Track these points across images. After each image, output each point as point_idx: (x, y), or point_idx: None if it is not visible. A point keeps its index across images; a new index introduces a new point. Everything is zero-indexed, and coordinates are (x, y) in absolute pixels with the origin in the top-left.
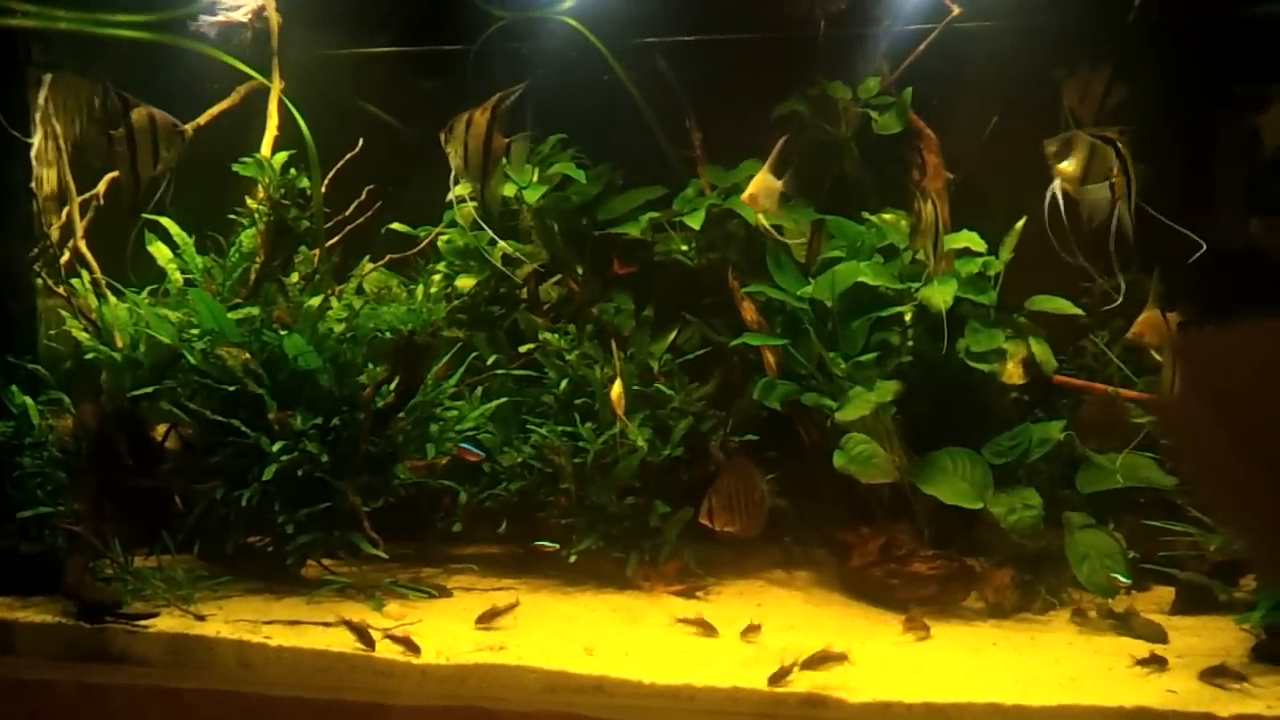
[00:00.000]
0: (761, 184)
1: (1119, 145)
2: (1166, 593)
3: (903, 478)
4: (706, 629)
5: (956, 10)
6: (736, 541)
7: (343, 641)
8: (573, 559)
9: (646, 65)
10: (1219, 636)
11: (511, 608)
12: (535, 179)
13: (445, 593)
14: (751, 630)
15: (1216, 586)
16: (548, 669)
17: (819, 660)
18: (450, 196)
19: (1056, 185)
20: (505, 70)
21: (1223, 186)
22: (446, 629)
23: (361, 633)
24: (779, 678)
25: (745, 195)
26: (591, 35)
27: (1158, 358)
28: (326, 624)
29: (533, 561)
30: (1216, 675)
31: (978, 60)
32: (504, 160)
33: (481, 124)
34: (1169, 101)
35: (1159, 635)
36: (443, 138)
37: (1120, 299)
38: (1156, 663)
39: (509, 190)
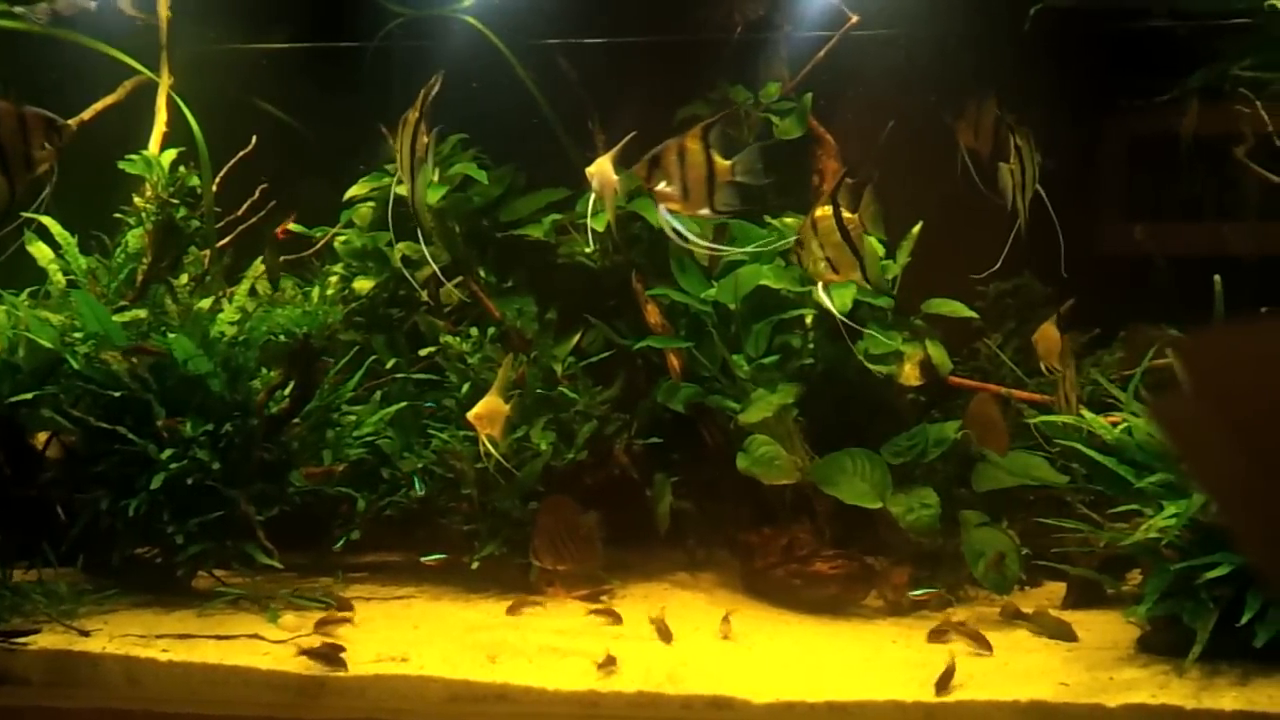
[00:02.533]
0: (598, 169)
1: (1017, 138)
2: (1058, 588)
3: (804, 478)
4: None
5: (854, 18)
6: (640, 545)
7: (236, 654)
8: (475, 566)
9: (550, 65)
10: (1107, 630)
11: (347, 619)
12: (435, 179)
13: (345, 605)
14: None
15: (1105, 581)
16: (450, 678)
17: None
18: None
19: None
20: (405, 68)
21: (1121, 194)
22: (344, 639)
23: (327, 655)
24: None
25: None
26: (492, 34)
27: (1053, 368)
28: (220, 637)
29: (434, 569)
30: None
31: (877, 67)
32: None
33: (411, 122)
34: (1064, 110)
35: (1066, 632)
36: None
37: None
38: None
39: (405, 190)
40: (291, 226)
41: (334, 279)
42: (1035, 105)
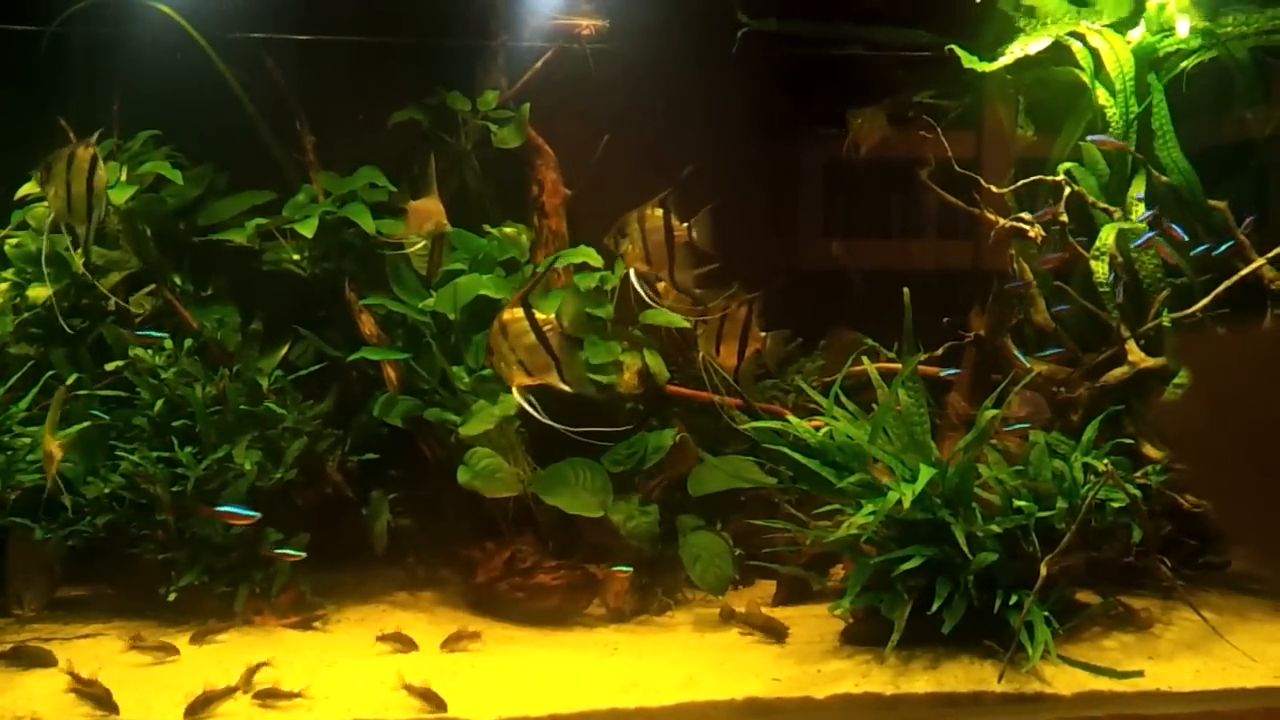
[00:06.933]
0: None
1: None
2: (770, 586)
3: (527, 490)
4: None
5: (586, 27)
6: (357, 565)
7: None
8: (172, 597)
9: (256, 63)
10: (815, 624)
11: None
12: (123, 178)
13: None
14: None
15: (812, 578)
16: None
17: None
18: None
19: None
20: (90, 56)
21: (821, 212)
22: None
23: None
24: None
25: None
26: (189, 25)
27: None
28: None
29: (126, 602)
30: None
31: (595, 80)
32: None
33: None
34: (770, 131)
35: (777, 629)
36: None
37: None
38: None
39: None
40: None
41: (3, 286)
42: (744, 125)
